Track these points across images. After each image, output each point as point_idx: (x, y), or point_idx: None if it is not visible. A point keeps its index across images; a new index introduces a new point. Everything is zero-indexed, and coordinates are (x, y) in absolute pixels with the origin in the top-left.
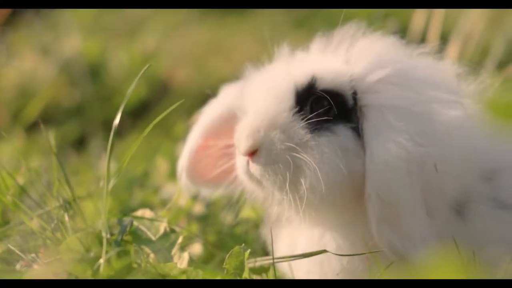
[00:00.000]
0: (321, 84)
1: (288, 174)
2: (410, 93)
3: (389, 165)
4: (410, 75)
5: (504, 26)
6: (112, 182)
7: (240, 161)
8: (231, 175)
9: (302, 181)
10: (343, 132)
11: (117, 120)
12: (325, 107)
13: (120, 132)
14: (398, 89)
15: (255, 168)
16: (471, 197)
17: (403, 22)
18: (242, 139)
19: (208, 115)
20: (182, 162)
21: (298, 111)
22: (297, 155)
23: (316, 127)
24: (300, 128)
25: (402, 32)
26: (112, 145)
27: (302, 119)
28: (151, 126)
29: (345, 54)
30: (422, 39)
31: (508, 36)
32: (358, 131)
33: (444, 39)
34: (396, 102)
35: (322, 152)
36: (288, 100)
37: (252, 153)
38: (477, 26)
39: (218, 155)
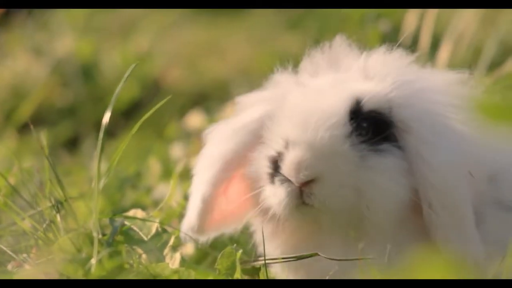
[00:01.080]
0: (367, 106)
1: (354, 199)
2: (439, 103)
3: (449, 171)
4: (433, 87)
5: (496, 27)
6: (102, 182)
7: (282, 192)
8: (245, 209)
9: (368, 203)
10: (392, 149)
11: (106, 120)
12: (369, 127)
13: (113, 133)
14: (429, 100)
15: (314, 196)
16: (480, 200)
17: (396, 23)
18: (299, 169)
19: (221, 151)
20: (191, 221)
21: (351, 135)
22: (360, 179)
23: (370, 148)
24: (357, 152)
25: (395, 32)
26: (103, 145)
27: (357, 143)
28: (138, 124)
29: (362, 70)
30: (415, 40)
31: (500, 36)
32: (398, 147)
33: (436, 39)
34: (432, 112)
35: (383, 172)
36: (341, 125)
37: (306, 183)
38: (469, 27)
39: (234, 195)
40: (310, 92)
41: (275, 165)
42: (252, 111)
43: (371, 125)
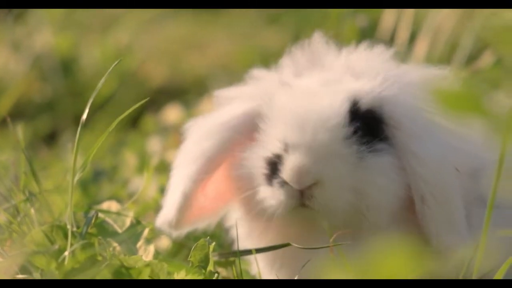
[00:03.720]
0: (363, 106)
1: (353, 200)
2: (425, 99)
3: (440, 165)
4: (418, 82)
5: (473, 22)
6: (78, 176)
7: (282, 194)
8: (223, 206)
9: (368, 203)
10: (386, 148)
11: (85, 115)
12: (365, 127)
13: (90, 126)
14: (415, 95)
15: (315, 199)
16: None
17: (373, 18)
18: (300, 174)
19: (203, 148)
20: (169, 215)
21: (350, 136)
22: (359, 180)
23: (367, 148)
24: (355, 153)
25: (372, 28)
26: (79, 138)
27: (355, 143)
28: (116, 121)
29: (347, 68)
30: (392, 35)
31: (476, 31)
32: (390, 144)
33: (414, 34)
34: (420, 107)
35: (381, 172)
36: (341, 127)
37: (308, 186)
38: (446, 22)
39: (215, 191)
40: (302, 93)
41: (273, 166)
42: (233, 107)
43: (367, 125)
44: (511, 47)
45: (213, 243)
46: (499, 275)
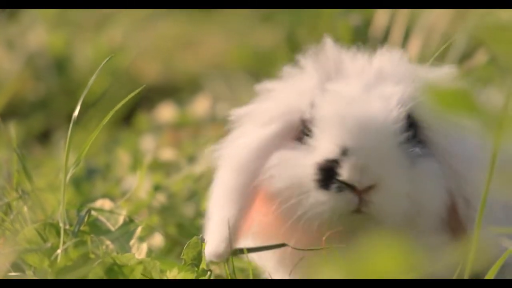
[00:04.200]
0: (410, 111)
1: (406, 206)
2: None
3: (482, 165)
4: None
5: (466, 20)
6: (70, 173)
7: (339, 198)
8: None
9: (419, 209)
10: (428, 152)
11: (76, 111)
12: (411, 132)
13: (85, 125)
14: None
15: (373, 204)
16: None
17: (366, 17)
18: (362, 173)
19: (243, 179)
20: (218, 247)
21: (403, 141)
22: (413, 185)
23: (415, 153)
24: (408, 158)
25: (365, 27)
26: (71, 136)
27: (407, 148)
28: (107, 117)
29: (375, 74)
30: (386, 34)
31: (470, 30)
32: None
33: (407, 33)
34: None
35: (431, 177)
36: (398, 132)
37: (366, 190)
38: (440, 21)
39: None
40: (347, 98)
41: (326, 172)
42: (270, 123)
43: (412, 129)
44: (504, 46)
45: (206, 241)
46: (491, 274)
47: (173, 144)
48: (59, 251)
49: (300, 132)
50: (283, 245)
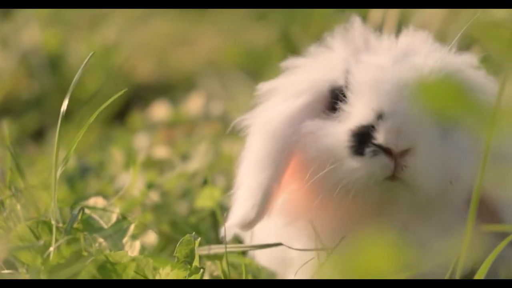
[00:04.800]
0: None
1: (440, 175)
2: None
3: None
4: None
5: (460, 18)
6: (60, 170)
7: (375, 163)
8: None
9: (452, 179)
10: (458, 125)
11: (64, 107)
12: None
13: (80, 123)
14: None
15: (409, 169)
16: None
17: (361, 13)
18: (399, 135)
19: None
20: (248, 215)
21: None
22: (446, 154)
23: (448, 124)
24: (441, 127)
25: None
26: (61, 133)
27: (439, 118)
28: (96, 113)
29: (403, 49)
30: (380, 31)
31: (464, 26)
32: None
33: (400, 31)
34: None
35: (466, 149)
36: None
37: (402, 154)
38: (434, 18)
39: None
40: (382, 66)
41: (361, 137)
42: (301, 94)
43: None
44: (498, 43)
45: (199, 239)
46: (481, 273)
47: (166, 142)
48: (51, 248)
49: (332, 101)
50: (279, 244)
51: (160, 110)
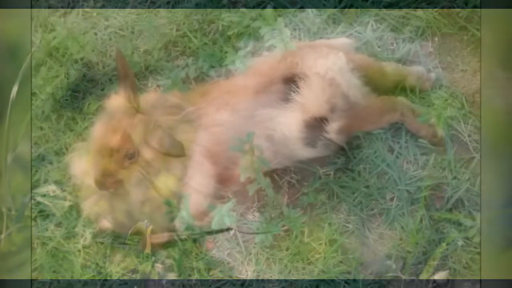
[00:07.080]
0: None
1: None
2: None
3: None
4: None
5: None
6: (10, 158)
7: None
8: None
9: None
10: None
11: (14, 92)
12: None
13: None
14: None
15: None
16: None
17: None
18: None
19: None
20: None
21: None
22: None
23: None
24: None
25: None
26: (9, 121)
27: None
28: (50, 107)
29: None
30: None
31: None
32: None
33: None
34: None
35: None
36: None
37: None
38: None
39: None
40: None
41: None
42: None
43: None
44: None
45: (151, 226)
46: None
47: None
48: (2, 236)
49: (285, 91)
50: (230, 229)
51: (117, 99)
